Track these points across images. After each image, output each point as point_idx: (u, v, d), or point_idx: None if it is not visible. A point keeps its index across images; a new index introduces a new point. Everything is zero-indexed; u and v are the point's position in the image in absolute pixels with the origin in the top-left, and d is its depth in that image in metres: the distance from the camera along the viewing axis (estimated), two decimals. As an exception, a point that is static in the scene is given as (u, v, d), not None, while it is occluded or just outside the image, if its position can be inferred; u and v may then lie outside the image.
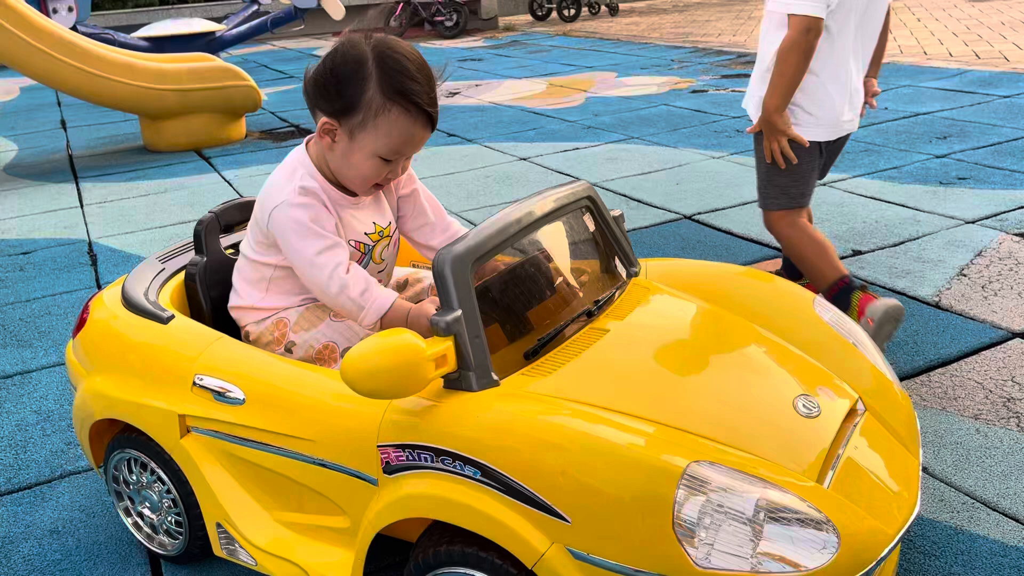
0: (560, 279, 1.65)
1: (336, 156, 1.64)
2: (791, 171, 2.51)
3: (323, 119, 1.61)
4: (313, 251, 1.60)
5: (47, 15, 8.35)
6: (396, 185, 1.82)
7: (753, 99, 2.57)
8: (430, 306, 1.58)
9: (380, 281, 1.82)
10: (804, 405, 1.47)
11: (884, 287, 3.02)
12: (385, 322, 1.61)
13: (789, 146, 2.48)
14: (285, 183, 1.64)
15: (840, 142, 2.65)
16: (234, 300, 1.79)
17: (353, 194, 1.71)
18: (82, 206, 4.79)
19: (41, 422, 2.51)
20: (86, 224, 4.44)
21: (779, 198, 2.57)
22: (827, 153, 2.63)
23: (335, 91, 1.58)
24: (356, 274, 1.61)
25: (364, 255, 1.73)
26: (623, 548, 1.21)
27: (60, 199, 4.97)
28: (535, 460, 1.27)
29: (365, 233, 1.73)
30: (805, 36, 2.31)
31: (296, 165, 1.68)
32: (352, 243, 1.70)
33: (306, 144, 1.72)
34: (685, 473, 1.22)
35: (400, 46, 1.59)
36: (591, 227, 1.76)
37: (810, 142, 2.48)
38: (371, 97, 1.56)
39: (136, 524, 1.90)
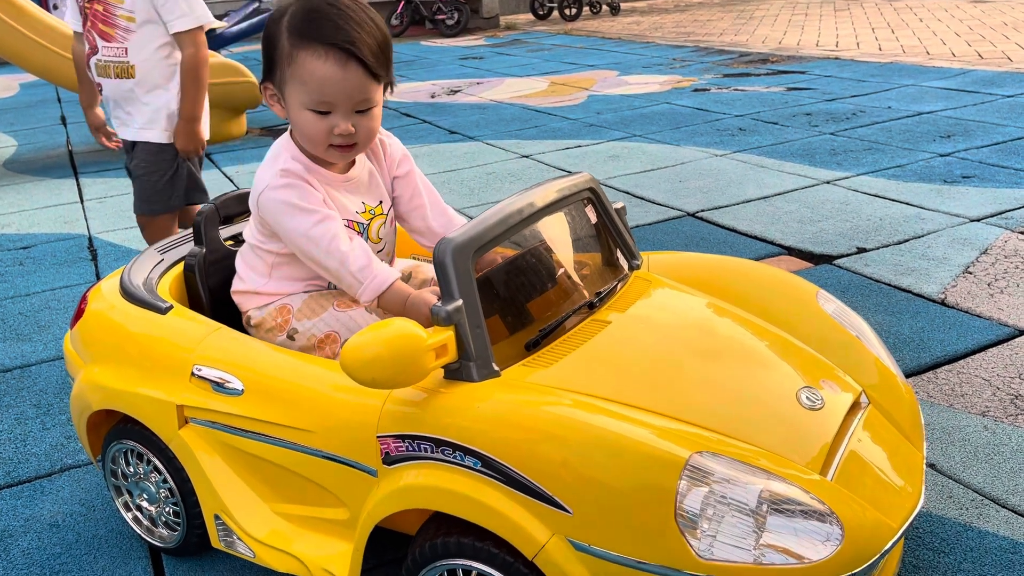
0: (561, 270, 1.63)
1: (292, 124, 1.63)
2: (178, 174, 2.80)
3: (262, 84, 1.62)
4: (305, 227, 1.57)
5: (48, 10, 8.35)
6: (391, 165, 1.79)
7: (142, 120, 2.73)
8: (431, 295, 1.56)
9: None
10: (807, 397, 1.45)
11: (889, 284, 3.00)
12: (382, 302, 1.59)
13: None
14: (269, 167, 1.64)
15: None
16: (237, 285, 1.77)
17: (342, 170, 1.69)
18: (82, 201, 4.78)
19: (41, 416, 2.50)
20: (86, 219, 4.43)
21: (171, 199, 2.83)
22: None
23: (264, 51, 1.59)
24: (357, 248, 1.59)
25: (360, 234, 1.71)
26: (625, 539, 1.20)
27: (60, 194, 4.96)
28: (536, 451, 1.25)
29: (356, 212, 1.71)
30: (205, 47, 2.65)
31: (280, 150, 1.67)
32: (345, 222, 1.68)
33: (290, 130, 1.70)
34: (688, 464, 1.21)
35: None
36: (593, 219, 1.74)
37: None
38: (283, 46, 1.54)
39: (136, 519, 1.89)
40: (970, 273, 3.04)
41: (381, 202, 1.77)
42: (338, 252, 1.56)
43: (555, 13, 14.23)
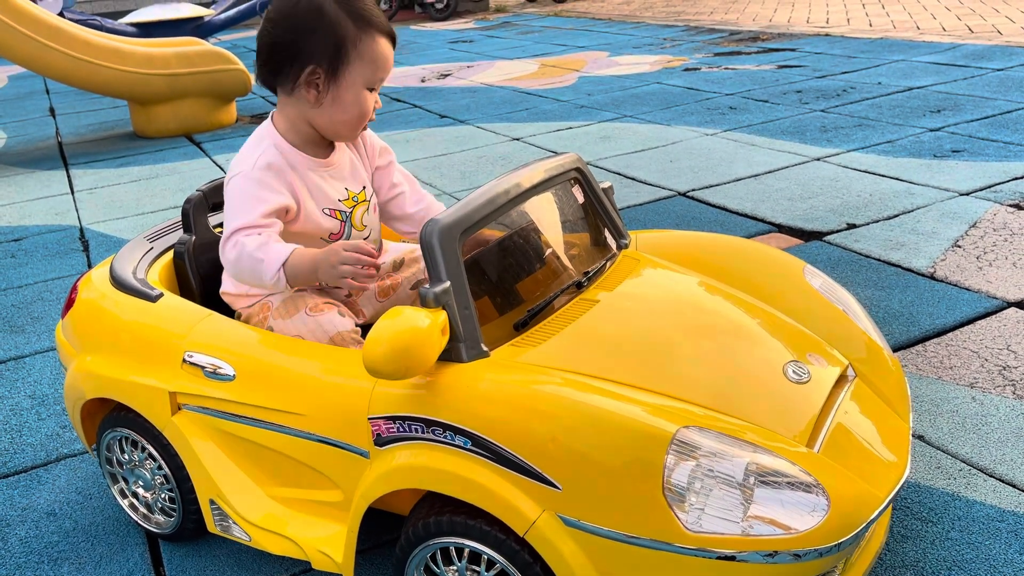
0: (549, 251, 1.64)
1: (324, 107, 1.64)
2: None
3: (308, 69, 1.61)
4: (240, 222, 1.59)
5: (34, 1, 8.28)
6: (371, 156, 1.83)
7: None
8: (337, 246, 1.56)
9: None
10: (794, 371, 1.47)
11: (879, 260, 3.01)
12: (289, 273, 1.58)
13: None
14: (251, 153, 1.65)
15: None
16: (226, 286, 1.77)
17: (324, 156, 1.71)
18: (73, 193, 4.77)
19: (36, 406, 2.50)
20: (77, 210, 4.42)
21: None
22: None
23: (318, 33, 1.59)
24: (259, 239, 1.59)
25: (343, 222, 1.73)
26: (614, 514, 1.21)
27: (51, 186, 4.95)
28: (525, 428, 1.26)
29: (339, 200, 1.73)
30: None
31: (263, 135, 1.68)
32: (327, 211, 1.70)
33: (272, 117, 1.71)
34: (675, 439, 1.22)
35: None
36: (580, 199, 1.75)
37: None
38: (347, 28, 1.60)
39: (132, 505, 1.90)
40: (959, 247, 3.06)
41: (364, 188, 1.79)
42: (240, 245, 1.58)
43: (545, -6, 14.13)
